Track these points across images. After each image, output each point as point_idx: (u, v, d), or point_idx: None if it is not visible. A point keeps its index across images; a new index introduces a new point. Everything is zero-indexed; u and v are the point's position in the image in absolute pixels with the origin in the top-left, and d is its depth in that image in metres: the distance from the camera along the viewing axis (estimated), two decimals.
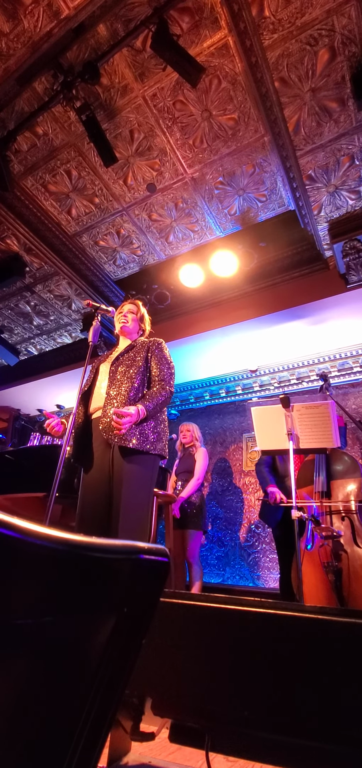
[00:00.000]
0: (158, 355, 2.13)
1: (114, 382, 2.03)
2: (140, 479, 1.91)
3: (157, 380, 2.07)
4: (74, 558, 0.43)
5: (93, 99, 2.67)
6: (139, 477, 1.90)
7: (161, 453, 2.01)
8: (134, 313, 2.34)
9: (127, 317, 2.30)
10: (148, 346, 2.17)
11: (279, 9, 2.19)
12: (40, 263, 4.08)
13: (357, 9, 2.17)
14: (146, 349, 2.15)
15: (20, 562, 0.38)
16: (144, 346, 2.18)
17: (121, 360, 2.13)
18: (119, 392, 1.99)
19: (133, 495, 1.85)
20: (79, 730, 0.49)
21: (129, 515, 1.82)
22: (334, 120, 2.68)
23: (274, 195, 3.30)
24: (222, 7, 2.20)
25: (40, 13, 2.23)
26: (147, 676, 0.96)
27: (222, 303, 4.26)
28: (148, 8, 2.23)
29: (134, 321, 2.33)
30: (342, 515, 2.48)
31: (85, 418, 2.09)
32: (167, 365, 2.13)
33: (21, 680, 0.44)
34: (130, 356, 2.14)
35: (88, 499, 1.96)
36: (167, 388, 2.04)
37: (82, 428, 2.06)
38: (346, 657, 0.84)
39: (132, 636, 0.52)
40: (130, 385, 2.00)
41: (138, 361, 2.10)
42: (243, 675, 0.91)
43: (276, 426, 2.41)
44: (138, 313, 2.37)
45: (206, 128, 2.83)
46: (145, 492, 1.94)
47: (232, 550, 4.78)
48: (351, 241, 3.38)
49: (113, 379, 2.05)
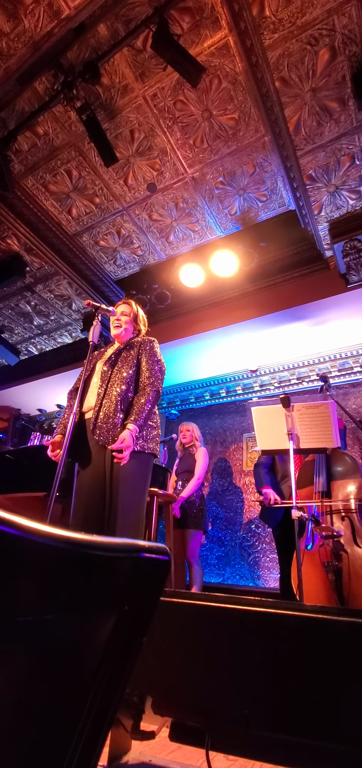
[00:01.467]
0: (149, 353, 2.14)
1: (104, 383, 2.06)
2: (135, 478, 1.92)
3: (146, 379, 2.08)
4: (75, 556, 0.43)
5: (93, 99, 2.67)
6: (134, 476, 1.91)
7: (153, 452, 2.02)
8: (127, 315, 2.33)
9: (120, 321, 2.29)
10: (139, 344, 2.18)
11: (280, 9, 2.19)
12: (40, 263, 4.08)
13: (358, 8, 2.17)
14: (138, 348, 2.16)
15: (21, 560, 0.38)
16: (136, 345, 2.19)
17: (115, 360, 2.14)
18: (109, 396, 2.01)
19: (129, 494, 1.87)
20: (80, 729, 0.49)
21: (125, 514, 1.83)
22: (335, 120, 2.67)
23: (275, 195, 3.29)
24: (222, 7, 2.20)
25: (41, 12, 2.23)
26: (147, 675, 0.96)
27: (223, 303, 4.26)
28: (149, 8, 2.23)
29: (128, 323, 2.32)
30: (342, 515, 2.48)
31: (80, 415, 2.09)
32: (158, 364, 2.14)
33: (21, 678, 0.44)
34: (123, 357, 2.15)
35: (82, 497, 1.96)
36: (154, 390, 2.05)
37: (77, 426, 2.06)
38: (346, 656, 0.84)
39: (132, 634, 0.52)
40: (119, 390, 2.02)
41: (129, 362, 2.11)
42: (243, 674, 0.91)
43: (276, 426, 2.41)
44: (131, 314, 2.35)
45: (206, 128, 2.83)
46: (141, 491, 1.95)
47: (232, 549, 4.78)
48: (351, 241, 3.38)
49: (105, 379, 2.07)
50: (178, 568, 3.56)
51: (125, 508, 1.84)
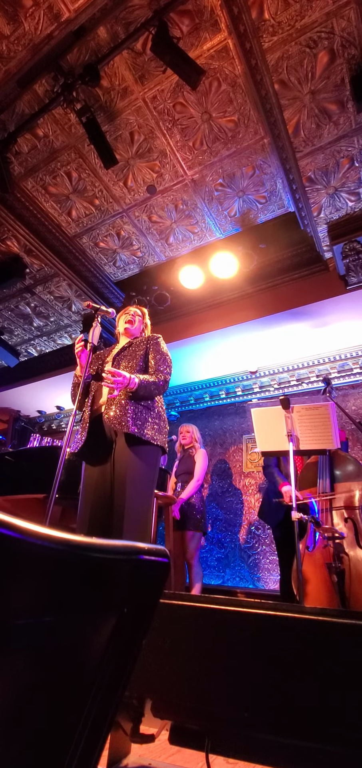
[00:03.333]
0: (155, 348, 2.18)
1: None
2: (143, 477, 1.91)
3: (156, 367, 2.11)
4: (74, 558, 0.43)
5: (93, 101, 2.68)
6: (141, 475, 1.91)
7: (163, 446, 2.02)
8: (141, 317, 2.40)
9: (134, 318, 2.35)
10: (146, 340, 2.23)
11: (279, 12, 2.20)
12: (40, 264, 4.08)
13: (357, 12, 2.18)
14: (145, 344, 2.20)
15: (20, 562, 0.38)
16: (143, 341, 2.23)
17: (123, 355, 2.18)
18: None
19: (136, 494, 1.86)
20: (79, 732, 0.49)
21: (133, 515, 1.82)
22: (334, 122, 2.68)
23: (274, 197, 3.30)
24: (222, 10, 2.21)
25: (41, 15, 2.24)
26: (147, 678, 0.95)
27: (222, 304, 4.26)
28: (148, 11, 2.24)
29: (140, 323, 2.38)
30: (345, 517, 2.48)
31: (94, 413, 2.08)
32: (164, 357, 2.17)
33: (20, 681, 0.44)
34: (131, 351, 2.18)
35: (89, 496, 1.96)
36: (161, 377, 2.07)
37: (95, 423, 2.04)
38: (347, 658, 0.84)
39: (132, 637, 0.52)
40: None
41: (138, 356, 2.14)
42: (243, 676, 0.91)
43: (276, 427, 2.41)
44: (144, 319, 2.43)
45: (206, 130, 2.84)
46: (148, 491, 1.96)
47: (232, 551, 4.77)
48: (350, 243, 3.39)
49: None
50: (177, 570, 3.55)
51: (132, 510, 1.83)
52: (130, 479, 1.86)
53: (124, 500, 1.83)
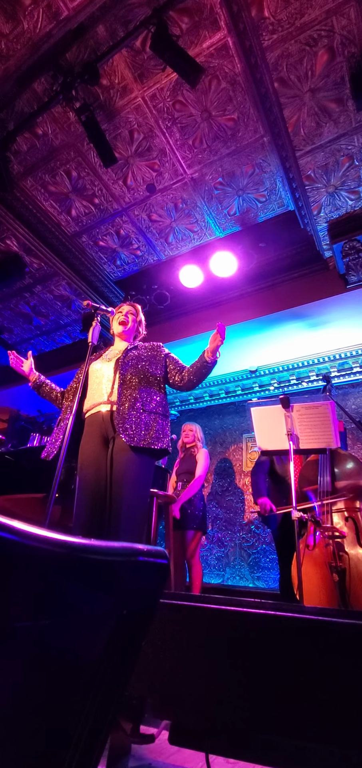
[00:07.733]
0: (173, 357, 2.23)
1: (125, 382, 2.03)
2: (141, 479, 1.90)
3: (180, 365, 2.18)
4: (73, 560, 0.43)
5: (92, 100, 2.67)
6: (140, 477, 1.90)
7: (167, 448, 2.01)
8: (134, 316, 2.35)
9: (128, 318, 2.31)
10: (158, 347, 2.24)
11: (279, 10, 2.19)
12: (39, 264, 4.07)
13: (356, 10, 2.17)
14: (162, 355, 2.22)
15: (18, 564, 0.38)
16: (154, 349, 2.21)
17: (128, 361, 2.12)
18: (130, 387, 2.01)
19: (134, 495, 1.85)
20: (79, 733, 0.49)
21: (130, 515, 1.81)
22: (334, 120, 2.68)
23: (274, 195, 3.29)
24: (221, 8, 2.20)
25: (40, 14, 2.23)
26: (146, 678, 0.95)
27: (222, 303, 4.26)
28: (148, 9, 2.23)
29: (134, 323, 2.33)
30: (346, 516, 2.48)
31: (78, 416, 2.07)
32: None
33: (19, 683, 0.43)
34: (135, 355, 2.15)
35: (86, 497, 1.95)
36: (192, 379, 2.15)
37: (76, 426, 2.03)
38: (347, 658, 0.84)
39: (131, 638, 0.52)
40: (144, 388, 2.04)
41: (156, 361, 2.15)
42: (243, 676, 0.91)
43: (276, 426, 2.40)
44: (138, 317, 2.37)
45: (205, 129, 2.83)
46: (145, 492, 1.95)
47: (232, 550, 4.78)
48: (350, 242, 3.38)
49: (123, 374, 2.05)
50: (177, 569, 3.55)
51: (130, 510, 1.82)
52: (129, 480, 1.85)
53: (122, 501, 1.82)
